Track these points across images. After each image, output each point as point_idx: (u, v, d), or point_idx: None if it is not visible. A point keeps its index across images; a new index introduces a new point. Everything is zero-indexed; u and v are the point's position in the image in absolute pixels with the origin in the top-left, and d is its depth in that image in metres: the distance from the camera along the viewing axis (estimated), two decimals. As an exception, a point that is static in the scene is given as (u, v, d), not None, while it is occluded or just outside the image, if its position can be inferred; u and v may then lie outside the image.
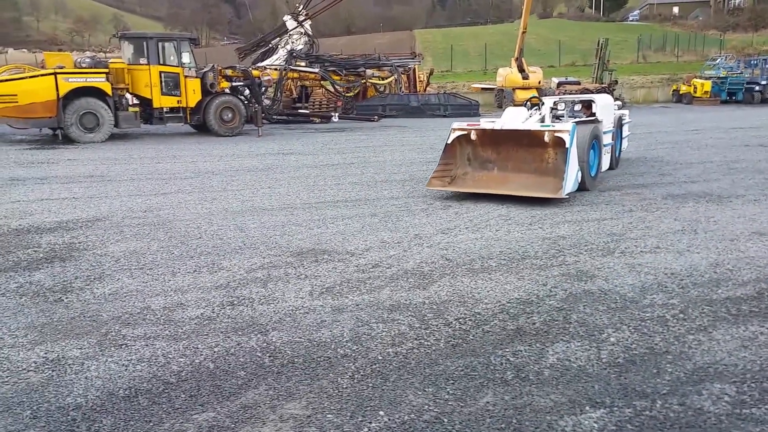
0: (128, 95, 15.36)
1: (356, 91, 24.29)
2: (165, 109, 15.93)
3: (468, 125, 8.24)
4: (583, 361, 3.33)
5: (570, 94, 27.98)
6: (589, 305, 4.16)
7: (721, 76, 33.05)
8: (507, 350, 3.47)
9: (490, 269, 5.00)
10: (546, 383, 3.09)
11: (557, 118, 9.29)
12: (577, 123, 8.01)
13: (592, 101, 9.50)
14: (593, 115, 9.22)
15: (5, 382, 3.17)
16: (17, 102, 13.87)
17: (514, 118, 8.77)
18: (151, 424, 2.77)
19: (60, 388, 3.10)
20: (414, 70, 27.11)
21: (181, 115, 16.27)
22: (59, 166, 11.06)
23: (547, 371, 3.21)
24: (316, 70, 22.65)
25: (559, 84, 31.37)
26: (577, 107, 9.49)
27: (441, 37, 62.62)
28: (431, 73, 31.70)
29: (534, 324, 3.84)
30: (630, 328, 3.78)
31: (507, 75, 30.37)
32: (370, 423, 2.73)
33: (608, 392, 3.00)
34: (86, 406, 2.92)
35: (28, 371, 3.29)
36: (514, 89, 29.29)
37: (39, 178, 9.72)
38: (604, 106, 9.49)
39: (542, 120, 9.11)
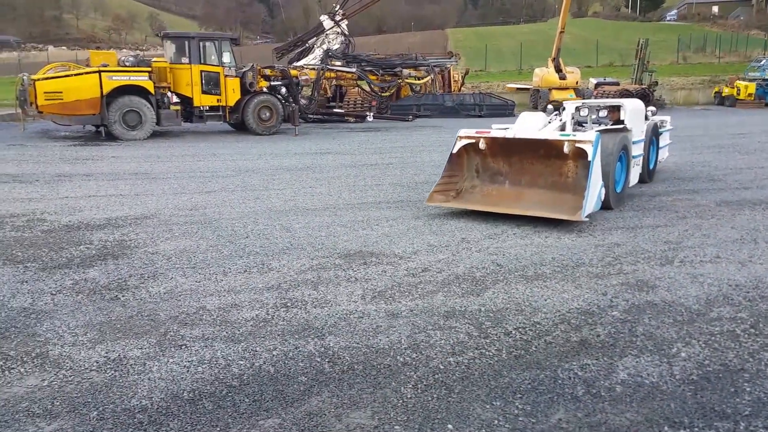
0: (170, 94, 15.54)
1: (392, 91, 24.24)
2: (205, 108, 16.08)
3: (476, 132, 7.21)
4: (655, 377, 3.21)
5: (609, 95, 27.55)
6: (654, 317, 4.03)
7: (766, 77, 32.12)
8: (574, 364, 3.35)
9: (544, 276, 4.88)
10: (619, 400, 2.97)
11: (580, 124, 8.46)
12: (602, 132, 7.02)
13: (620, 106, 8.32)
14: (621, 122, 8.07)
15: (69, 381, 3.18)
16: (62, 99, 14.13)
17: (530, 125, 7.86)
18: (218, 429, 2.73)
19: (124, 389, 3.09)
20: (449, 70, 26.95)
21: (220, 113, 16.42)
22: (104, 163, 11.23)
23: (618, 387, 3.10)
24: (354, 69, 22.65)
25: (598, 84, 30.88)
26: (603, 113, 8.42)
27: (473, 36, 62.26)
28: (466, 73, 31.50)
29: (599, 336, 3.72)
30: (700, 342, 3.63)
31: (543, 75, 29.99)
32: (442, 437, 2.66)
33: (686, 411, 2.88)
34: (152, 408, 2.90)
35: (91, 371, 3.29)
36: (550, 89, 28.92)
37: (85, 175, 9.87)
38: (634, 112, 8.30)
39: (562, 127, 8.25)
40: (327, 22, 24.59)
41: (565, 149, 6.56)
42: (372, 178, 9.79)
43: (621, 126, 7.72)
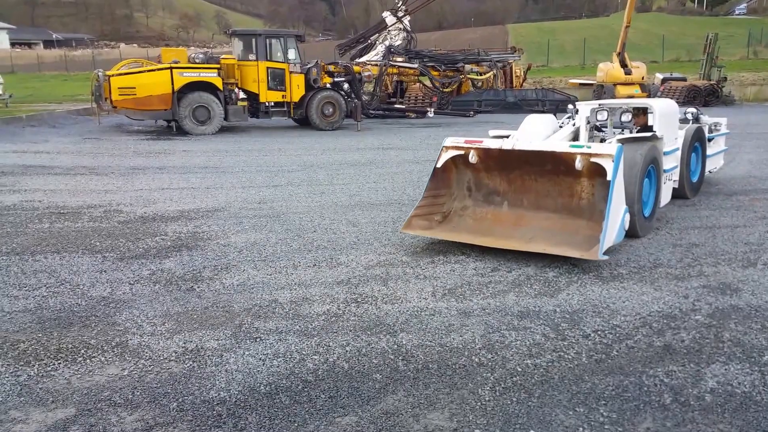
0: (237, 90, 15.86)
1: (454, 87, 24.03)
2: (270, 104, 16.33)
3: (466, 142, 5.83)
4: (747, 386, 3.03)
5: (677, 90, 26.52)
6: (741, 323, 3.82)
7: None
8: (659, 370, 3.21)
9: (621, 277, 4.71)
10: (710, 410, 2.82)
11: (598, 130, 7.10)
12: (625, 141, 5.74)
13: (647, 108, 6.76)
14: (649, 127, 6.56)
15: (149, 371, 3.25)
16: (135, 94, 14.62)
17: (536, 132, 6.47)
18: (296, 424, 2.74)
19: (202, 380, 3.14)
20: (511, 65, 26.52)
21: (285, 109, 16.63)
22: (175, 157, 11.55)
23: (708, 396, 2.94)
24: (416, 65, 22.56)
25: (664, 80, 29.78)
26: (626, 117, 6.84)
27: (535, 31, 61.20)
28: (528, 69, 30.90)
29: (683, 341, 3.55)
30: (795, 352, 3.42)
31: (608, 70, 29.12)
32: (524, 442, 2.58)
33: (784, 425, 2.70)
34: (230, 401, 2.94)
35: (170, 361, 3.36)
36: (615, 85, 28.09)
37: (157, 168, 10.18)
38: (665, 115, 6.68)
39: (575, 135, 6.93)
40: (389, 18, 24.57)
41: (577, 165, 5.16)
42: (436, 174, 9.69)
43: (650, 133, 6.21)
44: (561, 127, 7.05)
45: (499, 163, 5.83)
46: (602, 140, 6.71)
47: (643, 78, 28.58)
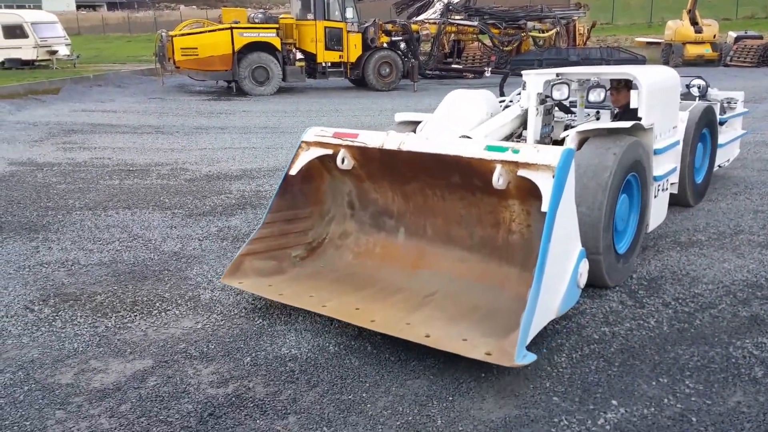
0: (295, 50, 15.81)
1: (514, 45, 23.29)
2: (327, 64, 16.22)
3: (335, 136, 3.70)
4: None
5: (750, 50, 24.98)
6: (836, 295, 3.57)
7: None
8: (747, 341, 3.04)
9: (700, 244, 4.48)
10: (806, 386, 2.65)
11: (566, 111, 5.08)
12: (589, 136, 3.82)
13: (630, 81, 4.41)
14: (631, 112, 4.24)
15: (221, 326, 3.29)
16: (197, 55, 14.76)
17: (460, 118, 4.23)
18: (367, 384, 2.72)
19: (273, 337, 3.15)
20: (574, 22, 25.47)
21: (342, 69, 16.50)
22: (236, 117, 11.65)
23: (804, 372, 2.76)
24: (475, 23, 21.92)
25: (738, 39, 28.05)
26: (596, 94, 4.38)
27: (599, -13, 58.52)
28: (593, 26, 29.64)
29: (772, 313, 3.36)
30: None
31: (677, 28, 27.65)
32: (605, 413, 2.48)
33: None
34: (301, 358, 2.94)
35: (240, 317, 3.39)
36: (684, 44, 26.70)
37: (219, 128, 10.29)
38: (659, 93, 4.29)
39: (521, 121, 4.56)
40: (448, -25, 23.87)
41: (497, 180, 3.00)
42: (497, 135, 9.45)
43: (629, 123, 3.91)
44: (508, 106, 4.84)
45: (387, 170, 3.67)
46: (567, 127, 4.74)
47: (714, 36, 27.05)
